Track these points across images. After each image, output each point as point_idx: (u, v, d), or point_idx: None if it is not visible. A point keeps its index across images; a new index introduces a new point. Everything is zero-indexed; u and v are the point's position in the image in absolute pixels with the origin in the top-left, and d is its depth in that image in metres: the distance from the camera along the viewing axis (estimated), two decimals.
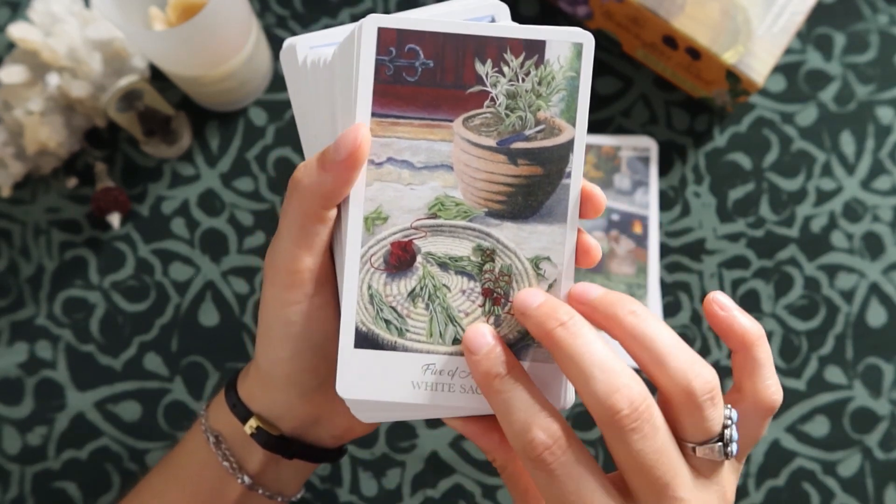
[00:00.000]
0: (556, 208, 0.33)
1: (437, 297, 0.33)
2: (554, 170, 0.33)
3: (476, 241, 0.33)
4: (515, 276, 0.33)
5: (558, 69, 0.32)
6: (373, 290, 0.32)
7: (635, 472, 0.29)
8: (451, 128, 0.32)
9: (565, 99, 0.32)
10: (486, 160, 0.33)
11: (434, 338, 0.33)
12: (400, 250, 0.33)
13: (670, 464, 0.29)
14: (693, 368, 0.30)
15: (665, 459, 0.29)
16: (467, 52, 0.32)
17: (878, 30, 0.60)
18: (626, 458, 0.29)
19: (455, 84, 0.32)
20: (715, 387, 0.30)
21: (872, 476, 0.54)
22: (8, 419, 0.55)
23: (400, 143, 0.32)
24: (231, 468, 0.38)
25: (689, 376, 0.29)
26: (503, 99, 0.32)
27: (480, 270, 0.33)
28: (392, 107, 0.32)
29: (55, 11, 0.54)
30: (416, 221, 0.33)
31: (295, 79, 0.36)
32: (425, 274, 0.33)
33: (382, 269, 0.33)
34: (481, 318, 0.33)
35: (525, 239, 0.33)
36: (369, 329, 0.32)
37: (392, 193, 0.32)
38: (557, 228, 0.33)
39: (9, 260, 0.57)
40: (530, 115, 0.32)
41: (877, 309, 0.56)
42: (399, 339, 0.33)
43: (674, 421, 0.30)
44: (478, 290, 0.33)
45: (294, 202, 0.33)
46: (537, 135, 0.32)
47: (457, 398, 0.32)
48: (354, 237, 0.32)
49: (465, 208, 0.33)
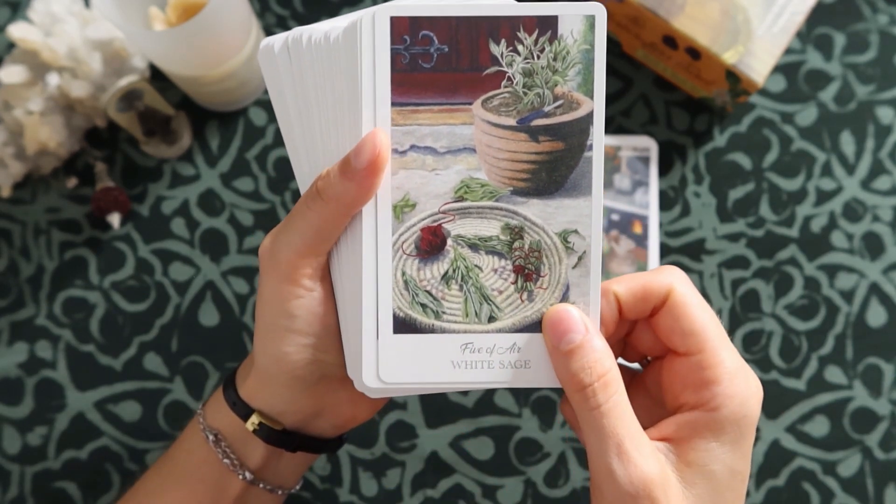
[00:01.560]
0: (580, 182, 0.33)
1: (470, 277, 0.33)
2: (575, 143, 0.33)
3: (504, 220, 0.33)
4: (545, 251, 0.33)
5: (572, 43, 0.32)
6: (407, 276, 0.33)
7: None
8: (470, 111, 0.33)
9: (582, 72, 0.33)
10: (507, 139, 0.33)
11: (470, 317, 0.33)
12: (430, 235, 0.33)
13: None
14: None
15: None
16: (481, 33, 0.32)
17: (878, 30, 0.60)
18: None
19: (471, 67, 0.33)
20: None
21: (872, 476, 0.54)
22: (8, 419, 0.55)
23: (422, 130, 0.33)
24: (232, 465, 0.38)
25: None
26: (520, 77, 0.33)
27: (510, 248, 0.33)
28: (411, 95, 0.33)
29: (55, 11, 0.54)
30: (444, 205, 0.33)
31: (275, 79, 0.36)
32: (456, 256, 0.33)
33: (414, 255, 0.33)
34: (514, 295, 0.33)
35: (552, 214, 0.33)
36: (406, 314, 0.33)
37: (418, 180, 0.33)
38: (583, 201, 0.33)
39: (9, 260, 0.57)
40: (548, 91, 0.33)
41: (877, 309, 0.56)
42: (436, 321, 0.33)
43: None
44: (509, 267, 0.33)
45: (316, 209, 0.33)
46: (556, 110, 0.33)
47: (496, 374, 0.33)
48: (385, 226, 0.33)
49: (490, 189, 0.33)
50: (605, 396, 0.31)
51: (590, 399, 0.31)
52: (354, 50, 0.32)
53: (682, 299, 0.33)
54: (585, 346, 0.32)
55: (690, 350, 0.33)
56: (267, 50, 0.35)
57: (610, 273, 0.56)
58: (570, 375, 0.32)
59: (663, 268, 0.34)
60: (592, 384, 0.31)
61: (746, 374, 0.33)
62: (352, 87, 0.33)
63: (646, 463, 0.30)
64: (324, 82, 0.34)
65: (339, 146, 0.34)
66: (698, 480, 0.31)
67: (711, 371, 0.32)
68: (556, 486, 0.54)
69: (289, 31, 0.35)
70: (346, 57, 0.33)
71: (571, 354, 0.32)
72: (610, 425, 0.31)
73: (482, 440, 0.55)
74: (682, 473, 0.31)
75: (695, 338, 0.33)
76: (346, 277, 0.35)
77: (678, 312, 0.33)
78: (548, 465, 0.54)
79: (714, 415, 0.32)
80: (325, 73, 0.34)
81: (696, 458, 0.31)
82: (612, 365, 0.32)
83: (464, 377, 0.33)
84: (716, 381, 0.32)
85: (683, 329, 0.33)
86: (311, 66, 0.34)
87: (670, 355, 0.34)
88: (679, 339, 0.33)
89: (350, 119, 0.33)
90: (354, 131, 0.33)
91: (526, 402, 0.55)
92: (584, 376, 0.31)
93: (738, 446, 0.32)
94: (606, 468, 0.31)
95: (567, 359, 0.32)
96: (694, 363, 0.33)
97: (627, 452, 0.30)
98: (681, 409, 0.33)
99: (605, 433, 0.31)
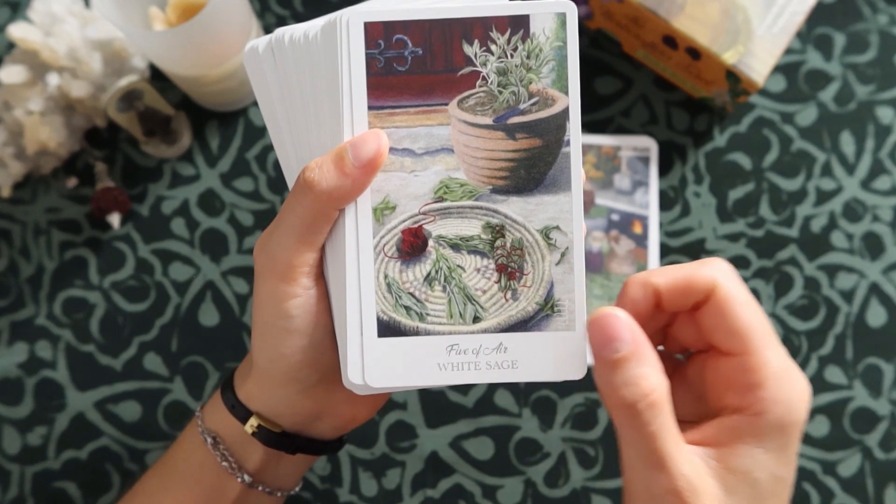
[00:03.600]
0: (559, 177, 0.33)
1: (453, 278, 0.33)
2: (552, 139, 0.33)
3: (484, 218, 0.33)
4: (527, 248, 0.33)
5: (545, 41, 0.33)
6: (389, 279, 0.33)
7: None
8: (446, 111, 0.33)
9: (555, 69, 0.33)
10: (484, 138, 0.33)
11: (455, 318, 0.33)
12: (411, 237, 0.33)
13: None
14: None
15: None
16: (454, 35, 0.32)
17: (878, 30, 0.60)
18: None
19: (446, 68, 0.33)
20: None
21: (872, 476, 0.54)
22: (8, 419, 0.55)
23: (399, 133, 0.33)
24: (230, 468, 0.38)
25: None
26: (494, 76, 0.33)
27: (492, 247, 0.33)
28: (387, 98, 0.33)
29: (55, 11, 0.54)
30: (424, 206, 0.33)
31: (261, 80, 0.35)
32: (439, 257, 0.33)
33: (396, 257, 0.33)
34: (498, 294, 0.33)
35: (532, 211, 0.33)
36: (390, 317, 0.33)
37: (397, 182, 0.33)
38: (563, 197, 0.33)
39: (9, 260, 0.57)
40: (523, 88, 0.33)
41: (877, 309, 0.56)
42: (420, 323, 0.33)
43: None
44: (492, 266, 0.33)
45: (306, 202, 0.33)
46: (532, 107, 0.33)
47: (483, 375, 0.33)
48: (365, 229, 0.33)
49: (469, 188, 0.33)
50: (652, 416, 0.29)
51: (634, 419, 0.29)
52: (331, 48, 0.32)
53: (727, 295, 0.31)
54: (633, 357, 0.29)
55: (735, 350, 0.31)
56: (252, 52, 0.35)
57: (609, 273, 0.56)
58: (612, 389, 0.30)
59: (708, 260, 0.32)
60: (637, 404, 0.29)
61: (793, 378, 0.31)
62: (331, 86, 0.33)
63: (681, 476, 0.29)
64: (305, 80, 0.34)
65: (323, 143, 0.34)
66: (741, 488, 0.30)
67: (756, 374, 0.30)
68: (556, 486, 0.54)
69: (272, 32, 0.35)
70: (324, 55, 0.33)
71: (617, 366, 0.29)
72: (654, 447, 0.29)
73: (482, 440, 0.55)
74: (723, 480, 0.30)
75: (739, 338, 0.31)
76: (333, 281, 0.35)
77: (723, 310, 0.31)
78: (548, 465, 0.54)
79: (758, 420, 0.30)
80: (306, 71, 0.34)
81: (739, 465, 0.30)
82: (660, 381, 0.30)
83: (450, 379, 0.33)
84: (760, 386, 0.30)
85: (728, 328, 0.31)
86: (293, 64, 0.34)
87: (714, 352, 0.33)
88: (723, 338, 0.31)
89: (331, 117, 0.33)
90: (336, 128, 0.33)
91: (526, 402, 0.55)
92: (627, 393, 0.29)
93: (784, 452, 0.30)
94: (644, 484, 0.29)
95: (611, 370, 0.29)
96: (738, 364, 0.31)
97: (668, 469, 0.29)
98: (724, 411, 0.31)
99: (647, 453, 0.29)
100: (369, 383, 0.33)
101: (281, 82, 0.35)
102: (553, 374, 0.33)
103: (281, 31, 0.34)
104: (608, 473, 0.54)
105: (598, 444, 0.55)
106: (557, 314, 0.33)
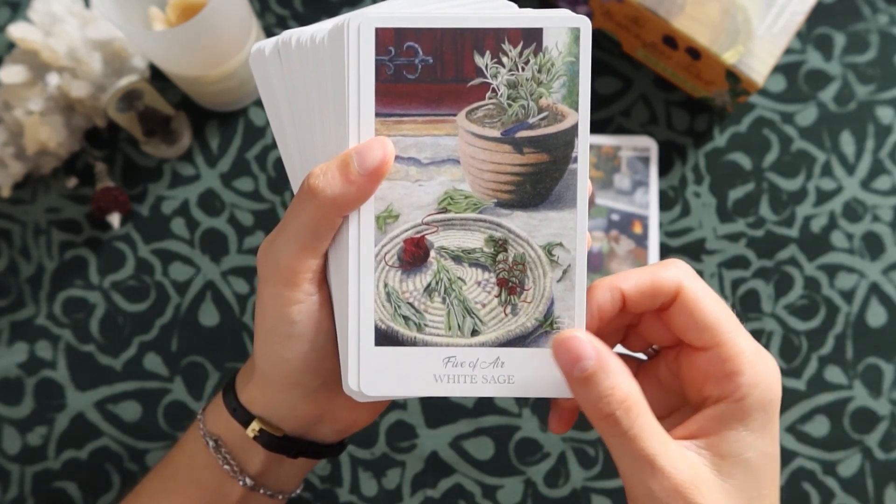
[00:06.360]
0: (565, 194, 0.33)
1: (453, 290, 0.33)
2: (560, 156, 0.33)
3: (487, 232, 0.33)
4: (529, 264, 0.33)
5: (557, 55, 0.32)
6: (389, 288, 0.33)
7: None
8: (454, 122, 0.33)
9: (566, 84, 0.32)
10: (491, 151, 0.33)
11: (453, 331, 0.33)
12: (413, 246, 0.33)
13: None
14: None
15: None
16: (465, 45, 0.32)
17: (878, 30, 0.60)
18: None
19: (456, 78, 0.32)
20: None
21: (872, 476, 0.54)
22: (8, 419, 0.55)
23: (405, 141, 0.33)
24: (232, 471, 0.38)
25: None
26: (504, 89, 0.32)
27: (494, 261, 0.33)
28: (395, 105, 0.32)
29: (55, 11, 0.54)
30: (427, 217, 0.33)
31: (266, 82, 0.35)
32: (440, 268, 0.33)
33: (397, 267, 0.33)
34: (498, 308, 0.33)
35: (536, 227, 0.33)
36: (388, 326, 0.33)
37: (401, 191, 0.33)
38: (568, 214, 0.33)
39: (9, 260, 0.57)
40: (532, 103, 0.33)
41: (877, 309, 0.56)
42: (418, 334, 0.33)
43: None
44: (493, 280, 0.33)
45: (310, 209, 0.33)
46: (541, 122, 0.33)
47: (480, 389, 0.33)
48: (368, 237, 0.33)
49: (474, 200, 0.33)
50: (630, 421, 0.30)
51: (614, 427, 0.31)
52: (338, 53, 0.32)
53: (694, 295, 0.33)
54: (599, 372, 0.31)
55: (708, 344, 0.33)
56: (258, 54, 0.35)
57: (609, 273, 0.56)
58: (590, 404, 0.31)
59: (668, 262, 0.34)
60: (614, 412, 0.30)
61: (766, 358, 0.33)
62: (337, 91, 0.33)
63: (678, 472, 0.30)
64: (312, 84, 0.34)
65: (329, 148, 0.34)
66: (735, 470, 0.31)
67: (732, 362, 0.32)
68: (556, 486, 0.54)
69: (279, 34, 0.35)
70: (331, 59, 0.33)
71: (587, 383, 0.31)
72: (639, 448, 0.30)
73: (482, 440, 0.55)
74: (717, 468, 0.31)
75: (710, 332, 0.33)
76: (335, 287, 0.34)
77: (691, 309, 0.33)
78: (548, 465, 0.54)
79: (741, 405, 0.32)
80: (312, 74, 0.34)
81: (730, 450, 0.32)
82: (630, 387, 0.31)
83: (446, 391, 0.33)
84: (738, 372, 0.32)
85: (699, 325, 0.33)
86: (300, 68, 0.34)
87: (687, 349, 0.34)
88: (695, 334, 0.33)
89: (336, 122, 0.33)
90: (341, 134, 0.33)
91: (526, 402, 0.55)
92: (604, 406, 0.31)
93: (767, 430, 0.32)
94: (644, 487, 0.31)
95: (584, 388, 0.31)
96: (713, 356, 0.33)
97: (661, 468, 0.30)
98: (706, 403, 0.33)
99: (635, 456, 0.31)
100: (364, 391, 0.33)
101: (287, 86, 0.35)
102: (549, 391, 0.33)
103: (288, 33, 0.34)
104: (608, 473, 0.54)
105: (598, 444, 0.55)
106: (556, 331, 0.33)
